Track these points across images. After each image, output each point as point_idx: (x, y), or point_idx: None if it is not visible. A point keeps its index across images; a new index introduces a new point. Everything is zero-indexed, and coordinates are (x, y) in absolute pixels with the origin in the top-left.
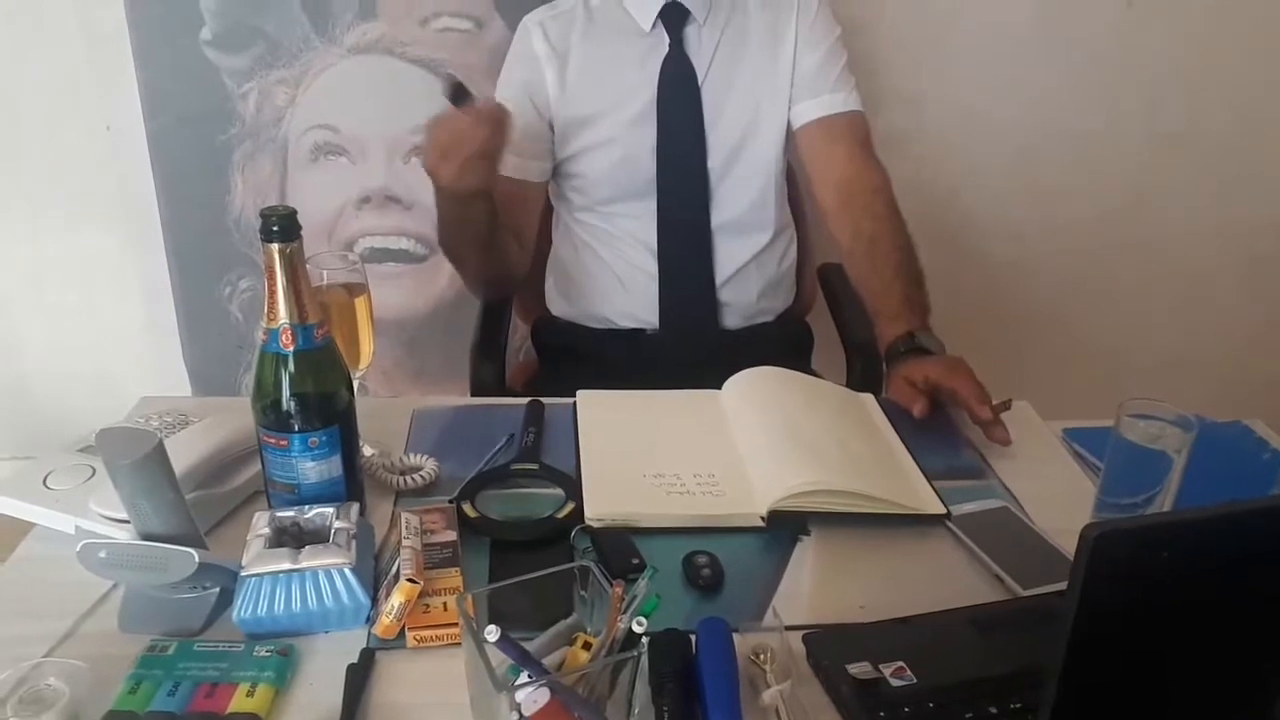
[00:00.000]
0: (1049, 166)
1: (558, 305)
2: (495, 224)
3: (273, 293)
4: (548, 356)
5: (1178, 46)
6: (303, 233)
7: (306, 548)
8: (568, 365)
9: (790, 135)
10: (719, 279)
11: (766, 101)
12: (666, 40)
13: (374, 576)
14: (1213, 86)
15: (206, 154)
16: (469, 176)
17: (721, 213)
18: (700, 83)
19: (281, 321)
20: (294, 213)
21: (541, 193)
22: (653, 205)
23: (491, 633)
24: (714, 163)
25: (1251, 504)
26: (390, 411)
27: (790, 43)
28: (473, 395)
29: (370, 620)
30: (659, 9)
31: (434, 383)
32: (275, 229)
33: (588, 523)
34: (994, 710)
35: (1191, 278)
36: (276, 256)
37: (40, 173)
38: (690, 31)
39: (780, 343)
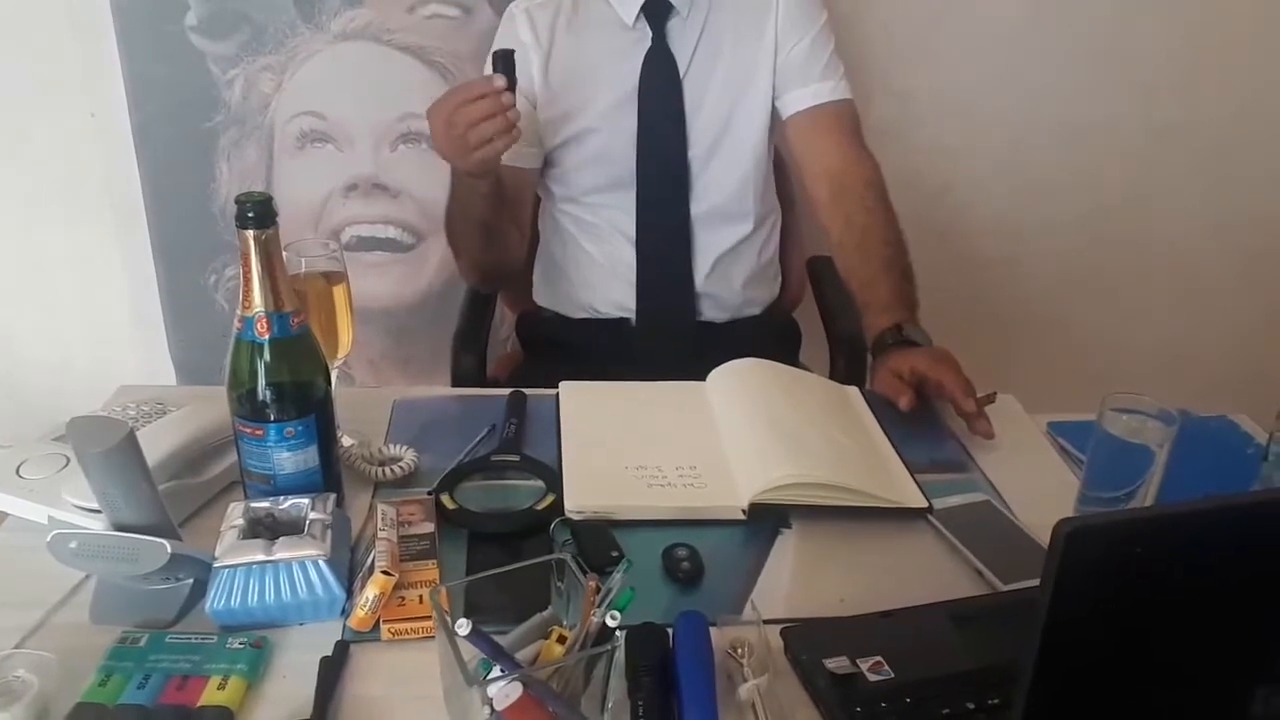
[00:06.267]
0: (1042, 160)
1: (543, 296)
2: (501, 207)
3: (248, 280)
4: (532, 349)
5: (1174, 36)
6: (288, 221)
7: (281, 539)
8: (551, 357)
9: (778, 125)
10: (698, 271)
11: (748, 90)
12: (649, 35)
13: (350, 568)
14: (1209, 78)
15: (191, 141)
16: (491, 159)
17: (701, 202)
18: (682, 75)
19: (257, 309)
20: (269, 199)
21: (535, 180)
22: (633, 195)
23: (463, 626)
24: (695, 152)
25: (1225, 500)
26: (371, 401)
27: (772, 28)
28: (453, 385)
29: (345, 612)
30: (642, 3)
31: (421, 372)
32: (250, 215)
33: (567, 515)
34: (971, 706)
35: (1184, 272)
36: (251, 243)
37: (23, 160)
38: (673, 25)
39: (768, 337)
